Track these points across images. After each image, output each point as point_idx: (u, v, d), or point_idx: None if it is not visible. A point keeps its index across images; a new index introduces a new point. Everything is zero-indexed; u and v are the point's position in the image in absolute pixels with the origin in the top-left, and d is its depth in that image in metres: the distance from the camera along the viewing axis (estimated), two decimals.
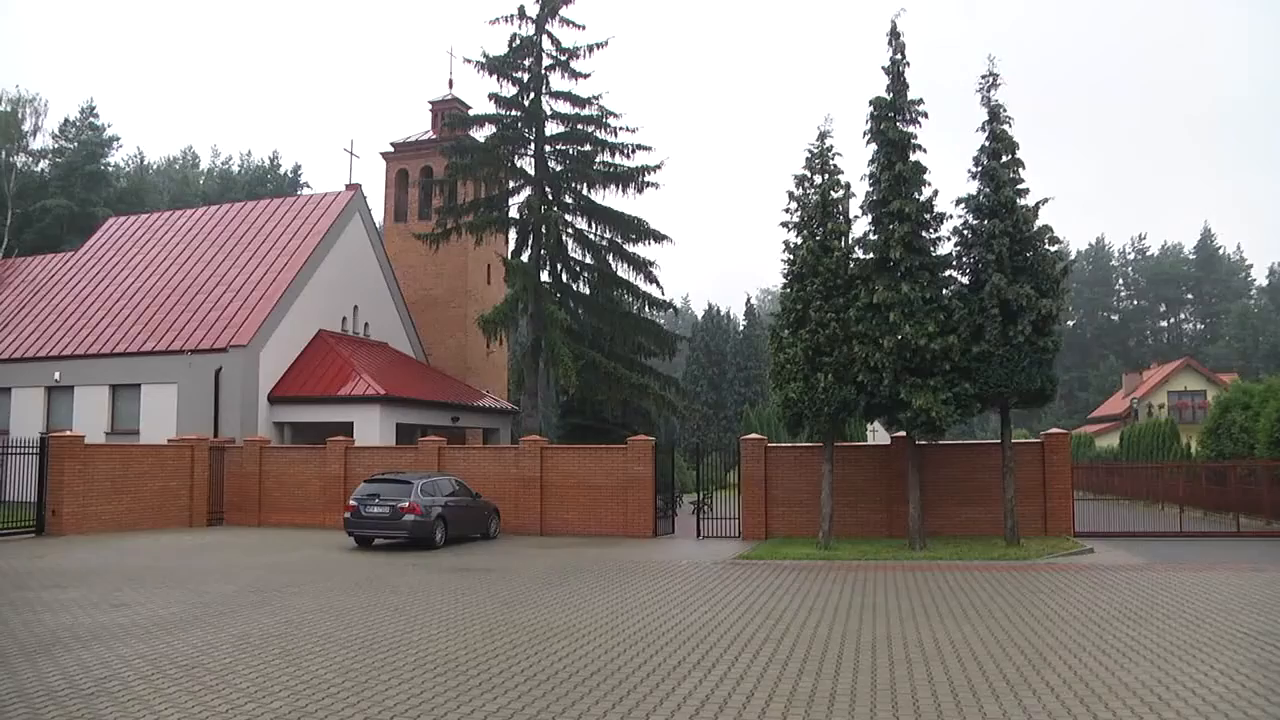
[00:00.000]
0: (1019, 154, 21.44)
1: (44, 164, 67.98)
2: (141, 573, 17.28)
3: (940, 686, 8.98)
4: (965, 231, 21.68)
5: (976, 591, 15.17)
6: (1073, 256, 67.23)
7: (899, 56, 21.92)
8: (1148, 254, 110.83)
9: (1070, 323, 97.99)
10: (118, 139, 72.41)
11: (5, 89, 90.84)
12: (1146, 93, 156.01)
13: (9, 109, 65.21)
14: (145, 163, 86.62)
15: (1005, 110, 21.55)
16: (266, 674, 9.49)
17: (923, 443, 22.23)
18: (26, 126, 65.64)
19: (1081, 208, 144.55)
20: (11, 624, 12.20)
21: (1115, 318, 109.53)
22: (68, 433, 26.57)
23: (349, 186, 40.15)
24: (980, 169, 21.61)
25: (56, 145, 68.28)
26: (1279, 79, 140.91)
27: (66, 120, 69.45)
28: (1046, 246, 21.21)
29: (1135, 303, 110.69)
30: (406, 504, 21.60)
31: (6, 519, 23.64)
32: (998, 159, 21.39)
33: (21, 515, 24.09)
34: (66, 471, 24.40)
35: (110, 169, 71.52)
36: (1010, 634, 11.49)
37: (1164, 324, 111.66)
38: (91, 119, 69.46)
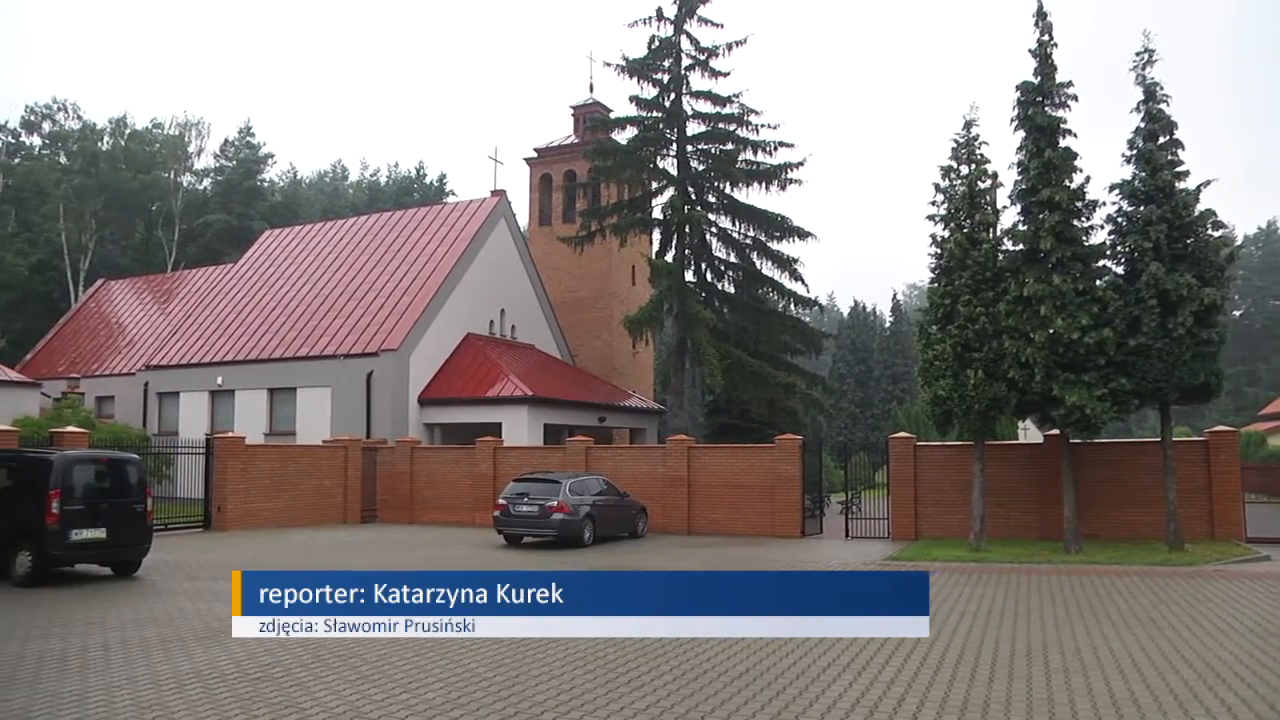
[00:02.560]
0: (1177, 134, 20.36)
1: (206, 182, 72.47)
2: (301, 566, 17.97)
3: (1100, 698, 8.59)
4: (1119, 219, 20.66)
5: (1138, 598, 14.47)
6: (1239, 242, 62.90)
7: (1046, 38, 21.15)
8: None
9: (1237, 313, 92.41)
10: (272, 156, 76.58)
11: (174, 114, 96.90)
12: None
13: (177, 133, 69.69)
14: (298, 177, 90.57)
15: (1162, 88, 20.48)
16: (421, 665, 9.77)
17: (1077, 441, 21.33)
18: (191, 148, 70.32)
19: (1249, 186, 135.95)
20: (186, 612, 12.94)
21: None
22: (230, 434, 28.03)
23: (494, 193, 41.06)
24: (1135, 152, 20.57)
25: (217, 164, 72.81)
26: None
27: (226, 140, 73.94)
28: (1209, 232, 20.02)
29: None
30: (555, 503, 21.82)
31: (178, 515, 25.13)
32: (1154, 140, 20.33)
33: (191, 511, 25.63)
34: (230, 470, 25.74)
35: (265, 184, 75.39)
36: (1176, 645, 10.90)
37: None
38: (248, 138, 73.61)
